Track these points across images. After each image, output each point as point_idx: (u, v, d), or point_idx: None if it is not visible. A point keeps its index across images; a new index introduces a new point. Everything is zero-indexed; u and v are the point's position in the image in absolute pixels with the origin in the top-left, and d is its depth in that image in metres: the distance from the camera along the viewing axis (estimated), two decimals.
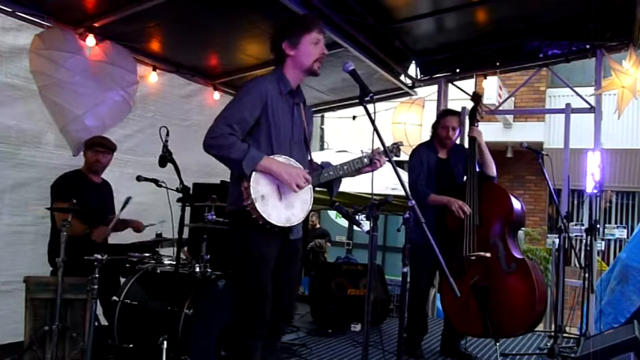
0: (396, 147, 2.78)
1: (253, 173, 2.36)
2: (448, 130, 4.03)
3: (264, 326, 2.47)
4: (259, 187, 2.37)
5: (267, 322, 2.47)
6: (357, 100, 2.36)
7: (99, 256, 2.96)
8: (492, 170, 3.99)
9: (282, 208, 2.43)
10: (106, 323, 3.44)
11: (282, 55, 2.55)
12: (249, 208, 2.35)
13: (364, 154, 2.63)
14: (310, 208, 2.54)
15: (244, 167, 2.34)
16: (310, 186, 2.52)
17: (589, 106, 5.47)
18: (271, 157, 2.43)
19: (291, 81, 2.57)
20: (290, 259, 2.61)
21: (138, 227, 3.91)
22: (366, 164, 2.62)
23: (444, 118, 4.10)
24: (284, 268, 2.57)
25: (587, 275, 4.39)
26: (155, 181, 3.40)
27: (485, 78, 6.43)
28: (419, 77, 6.19)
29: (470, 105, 4.16)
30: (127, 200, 3.46)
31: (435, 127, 4.15)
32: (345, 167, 2.62)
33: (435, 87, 6.22)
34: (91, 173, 3.86)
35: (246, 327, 2.46)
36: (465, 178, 3.99)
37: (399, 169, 2.43)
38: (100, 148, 3.83)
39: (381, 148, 2.40)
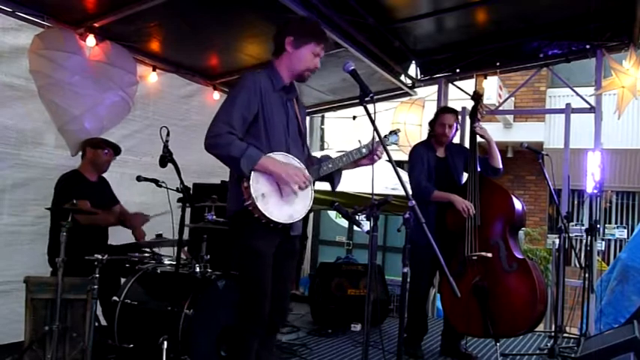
0: (393, 133, 2.78)
1: (252, 172, 2.35)
2: (445, 127, 4.05)
3: (263, 324, 2.47)
4: (259, 186, 2.36)
5: (265, 320, 2.47)
6: (357, 100, 2.35)
7: (99, 256, 2.96)
8: (498, 162, 3.99)
9: (283, 205, 2.42)
10: (106, 323, 3.43)
11: (281, 47, 2.55)
12: (251, 208, 2.34)
13: (362, 145, 2.62)
14: (312, 203, 2.53)
15: (243, 167, 2.33)
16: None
17: (589, 106, 5.47)
18: (270, 155, 2.41)
19: (284, 78, 2.57)
20: (287, 258, 2.61)
21: (140, 236, 3.91)
22: (364, 154, 2.62)
23: (441, 116, 4.12)
24: (281, 266, 2.57)
25: (587, 275, 4.39)
26: (155, 182, 3.40)
27: (486, 78, 6.42)
28: (419, 77, 6.19)
29: (470, 105, 4.17)
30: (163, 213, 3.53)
31: (432, 124, 4.17)
32: (344, 159, 2.63)
33: (435, 87, 6.22)
34: (92, 172, 3.88)
35: (245, 325, 2.47)
36: (466, 176, 4.00)
37: (398, 168, 2.43)
38: (110, 149, 3.91)
39: (376, 138, 2.40)
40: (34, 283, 3.16)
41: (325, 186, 2.85)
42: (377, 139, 2.40)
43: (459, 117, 4.40)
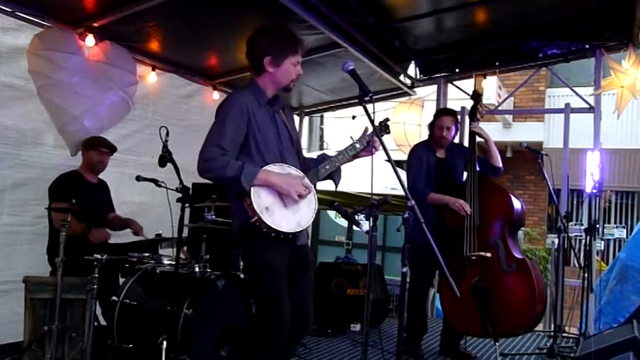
0: (384, 124, 2.77)
1: (252, 188, 2.35)
2: (443, 130, 4.04)
3: (285, 335, 2.44)
4: (261, 200, 2.36)
5: (287, 330, 2.43)
6: (357, 100, 2.35)
7: (98, 256, 2.96)
8: (498, 161, 4.00)
9: (289, 214, 2.41)
10: (106, 323, 3.43)
11: (260, 68, 2.53)
12: (258, 223, 2.34)
13: (355, 140, 2.63)
14: (317, 207, 2.52)
15: (243, 184, 2.33)
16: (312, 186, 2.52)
17: (588, 106, 5.47)
18: (267, 167, 2.41)
19: (267, 92, 2.57)
20: (301, 267, 2.59)
21: (137, 231, 3.91)
22: (359, 149, 2.63)
23: (438, 119, 4.11)
24: (297, 277, 2.55)
25: (586, 275, 4.39)
26: (155, 181, 3.40)
27: (485, 78, 6.41)
28: (418, 77, 6.19)
29: (469, 105, 4.17)
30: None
31: (430, 127, 4.17)
32: (340, 157, 2.63)
33: (435, 87, 6.22)
34: (90, 173, 3.88)
35: (265, 336, 2.44)
36: (465, 175, 4.00)
37: (398, 169, 2.43)
38: (104, 148, 3.88)
39: (371, 129, 2.41)
40: (33, 282, 3.16)
41: (325, 186, 2.85)
42: (375, 135, 2.41)
43: (459, 117, 4.40)
